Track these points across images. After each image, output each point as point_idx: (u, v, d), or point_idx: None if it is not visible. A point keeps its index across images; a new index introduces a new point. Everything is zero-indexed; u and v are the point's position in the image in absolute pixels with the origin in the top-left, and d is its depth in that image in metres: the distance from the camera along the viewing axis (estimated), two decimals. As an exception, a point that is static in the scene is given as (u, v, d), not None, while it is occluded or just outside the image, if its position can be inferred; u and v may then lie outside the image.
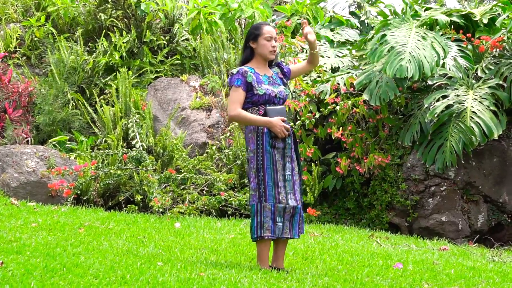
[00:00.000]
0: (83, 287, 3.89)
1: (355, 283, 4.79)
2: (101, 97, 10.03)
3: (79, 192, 8.27)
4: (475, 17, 9.09)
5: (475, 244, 8.00)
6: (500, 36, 8.55)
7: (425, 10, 9.64)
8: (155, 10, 10.96)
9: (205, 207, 8.21)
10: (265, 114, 5.06)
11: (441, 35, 8.68)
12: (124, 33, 10.63)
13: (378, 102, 8.32)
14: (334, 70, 9.50)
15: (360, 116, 8.75)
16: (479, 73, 8.55)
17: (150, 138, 9.19)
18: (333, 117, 8.70)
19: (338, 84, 8.89)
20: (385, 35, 8.53)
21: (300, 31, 5.42)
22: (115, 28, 10.77)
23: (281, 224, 5.00)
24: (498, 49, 8.61)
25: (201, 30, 10.93)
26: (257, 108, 5.09)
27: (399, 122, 8.66)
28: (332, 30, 10.78)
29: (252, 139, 5.05)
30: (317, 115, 8.75)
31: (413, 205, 8.33)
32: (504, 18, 8.80)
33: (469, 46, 8.81)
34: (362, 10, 11.47)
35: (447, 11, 9.17)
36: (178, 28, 11.12)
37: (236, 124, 8.98)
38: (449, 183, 8.28)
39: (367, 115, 8.65)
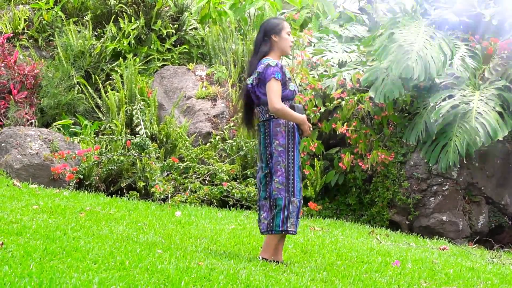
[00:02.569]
0: (82, 271, 3.90)
1: (354, 279, 4.79)
2: (107, 82, 10.03)
3: (81, 176, 8.29)
4: (485, 18, 9.05)
5: (475, 245, 7.99)
6: (509, 38, 8.51)
7: (435, 9, 9.59)
8: (165, -2, 10.94)
9: (207, 196, 8.21)
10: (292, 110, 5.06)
11: (450, 34, 8.64)
12: (132, 19, 10.62)
13: (382, 99, 8.30)
14: (341, 65, 9.48)
15: (365, 112, 8.74)
16: (486, 74, 8.52)
17: (154, 126, 9.18)
18: (338, 112, 8.68)
19: (345, 79, 8.87)
20: (393, 33, 8.49)
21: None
22: (124, 14, 10.75)
23: (300, 219, 5.07)
24: (506, 51, 8.58)
25: (210, 20, 10.90)
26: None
27: (404, 120, 8.64)
28: (341, 25, 10.75)
29: (282, 134, 5.04)
30: (322, 109, 8.74)
31: (415, 204, 8.33)
32: (514, 20, 8.76)
33: (478, 46, 8.77)
34: (372, 5, 11.41)
35: (457, 10, 9.13)
36: (187, 16, 11.09)
37: (240, 114, 8.95)
38: (451, 183, 8.27)
39: (372, 112, 8.64)
